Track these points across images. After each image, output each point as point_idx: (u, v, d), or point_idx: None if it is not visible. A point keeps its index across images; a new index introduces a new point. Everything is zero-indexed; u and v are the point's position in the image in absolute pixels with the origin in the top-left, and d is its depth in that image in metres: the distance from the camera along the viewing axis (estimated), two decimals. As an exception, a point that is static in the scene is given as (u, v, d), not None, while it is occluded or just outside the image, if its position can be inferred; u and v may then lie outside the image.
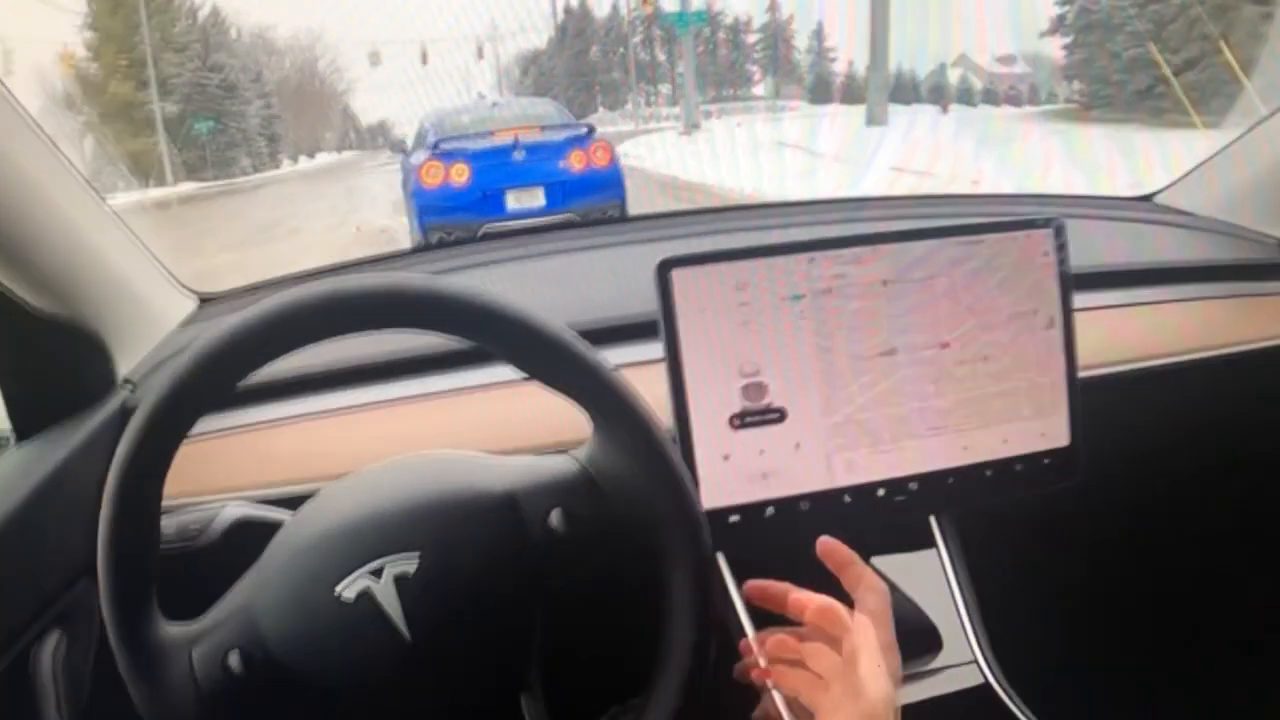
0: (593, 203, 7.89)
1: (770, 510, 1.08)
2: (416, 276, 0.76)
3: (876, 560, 1.25)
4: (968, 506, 1.19)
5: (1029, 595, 1.39)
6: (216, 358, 0.74)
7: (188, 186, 26.95)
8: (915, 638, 1.18)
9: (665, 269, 1.03)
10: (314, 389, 1.23)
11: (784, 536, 1.09)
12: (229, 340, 0.74)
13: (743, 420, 1.06)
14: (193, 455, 0.90)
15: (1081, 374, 1.17)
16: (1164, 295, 1.51)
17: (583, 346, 0.78)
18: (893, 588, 1.22)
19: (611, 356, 0.81)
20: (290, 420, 1.20)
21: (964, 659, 1.15)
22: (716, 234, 1.66)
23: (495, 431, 1.14)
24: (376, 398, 1.22)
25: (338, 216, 14.82)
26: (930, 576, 1.21)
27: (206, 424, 1.17)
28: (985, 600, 1.20)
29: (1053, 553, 1.50)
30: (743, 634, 1.11)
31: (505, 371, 1.14)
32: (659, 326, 1.04)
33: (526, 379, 0.81)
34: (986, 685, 1.13)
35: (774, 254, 1.06)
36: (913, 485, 1.12)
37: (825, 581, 1.23)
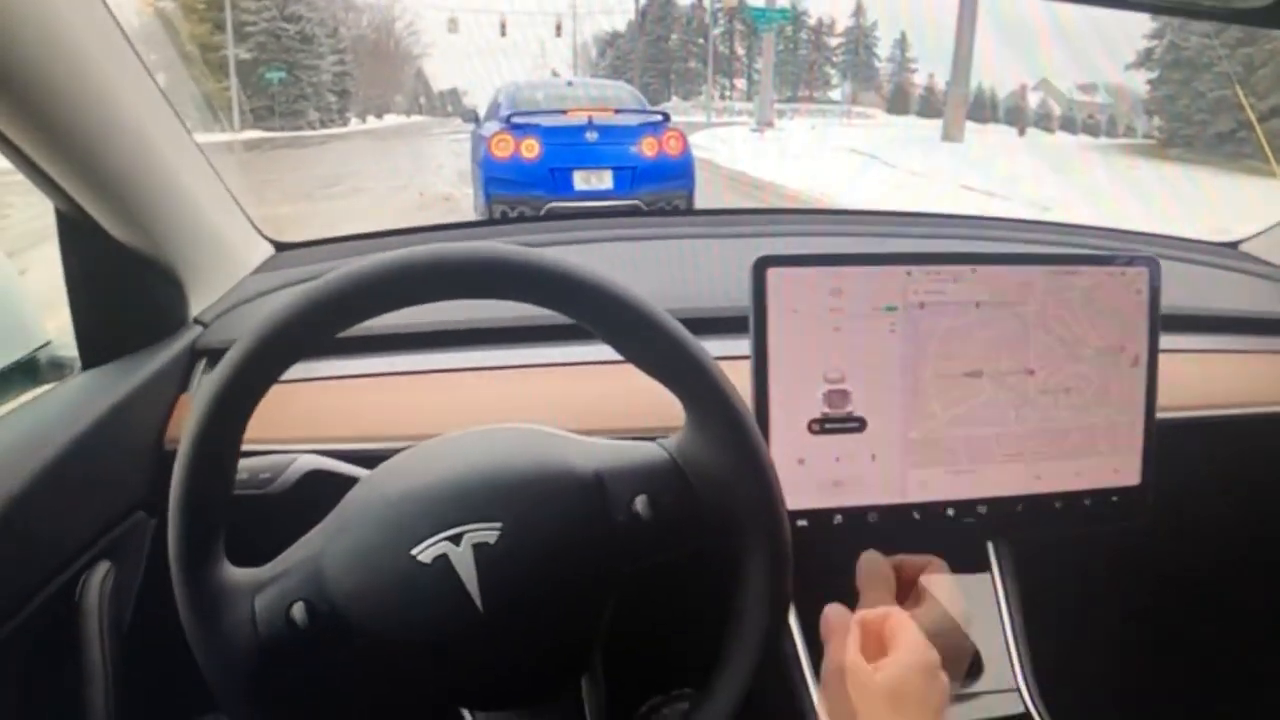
0: (661, 191, 7.84)
1: (838, 519, 1.08)
2: (529, 250, 0.76)
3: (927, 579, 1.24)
4: (1033, 535, 1.18)
5: (1077, 629, 1.38)
6: (322, 304, 0.73)
7: (253, 133, 27.13)
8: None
9: (762, 266, 1.03)
10: (402, 348, 1.23)
11: (849, 546, 1.09)
12: (336, 289, 0.73)
13: (822, 426, 1.06)
14: (273, 401, 0.91)
15: (1157, 415, 1.16)
16: (1245, 345, 1.49)
17: (686, 335, 0.78)
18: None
19: None
20: (374, 377, 1.20)
21: (1006, 686, 1.15)
22: (789, 235, 1.65)
23: (582, 410, 1.14)
24: (464, 364, 1.22)
25: (401, 179, 14.85)
26: (980, 600, 1.21)
27: (290, 372, 1.17)
28: (1032, 630, 1.19)
29: (1105, 590, 1.49)
30: (790, 637, 1.12)
31: (594, 350, 1.15)
32: (749, 323, 1.04)
33: (618, 361, 0.80)
34: (1026, 714, 1.12)
35: (874, 263, 1.05)
36: (981, 509, 1.11)
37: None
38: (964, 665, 1.09)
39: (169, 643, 0.77)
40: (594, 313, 0.78)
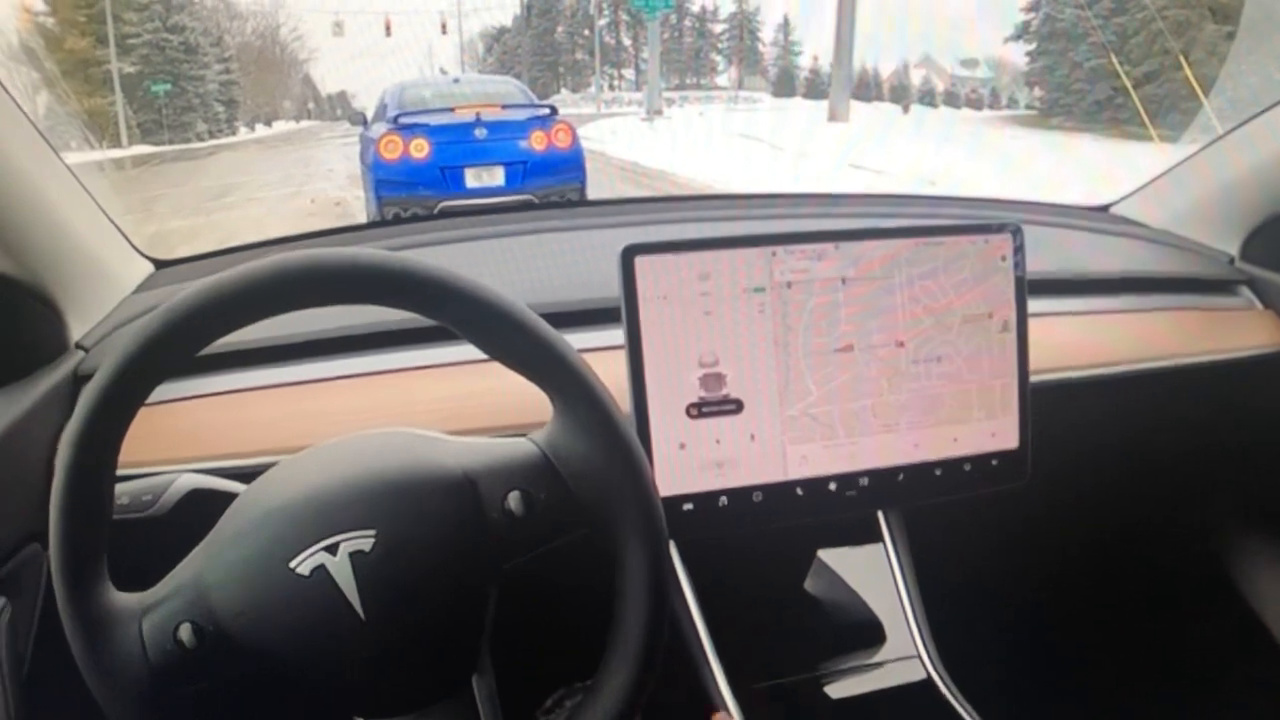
0: (553, 184, 7.82)
1: (723, 500, 1.09)
2: (379, 252, 0.76)
3: (824, 553, 1.26)
4: (916, 503, 1.20)
5: (972, 592, 1.41)
6: (177, 325, 0.73)
7: (142, 149, 26.45)
8: (859, 631, 1.20)
9: (629, 255, 1.03)
10: (275, 360, 1.21)
11: (736, 526, 1.10)
12: (189, 308, 0.73)
13: (700, 410, 1.07)
14: (150, 423, 0.88)
15: (1032, 378, 1.19)
16: (1116, 305, 1.53)
17: (544, 327, 0.79)
18: (839, 581, 1.24)
19: (572, 341, 0.81)
20: (249, 391, 1.18)
21: (907, 653, 1.17)
22: (678, 222, 1.66)
23: (454, 411, 1.14)
24: (336, 372, 1.21)
25: (293, 186, 14.61)
26: (876, 571, 1.23)
27: (165, 392, 1.15)
28: (929, 596, 1.22)
29: (996, 551, 1.52)
30: (691, 620, 1.13)
31: (465, 351, 1.14)
32: (621, 312, 1.04)
33: (488, 359, 0.81)
34: (928, 680, 1.14)
35: (738, 246, 1.06)
36: (863, 480, 1.13)
37: (773, 570, 1.25)
38: None
39: (72, 677, 0.76)
40: (453, 312, 0.78)
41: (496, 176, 7.85)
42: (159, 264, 1.44)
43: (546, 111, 8.61)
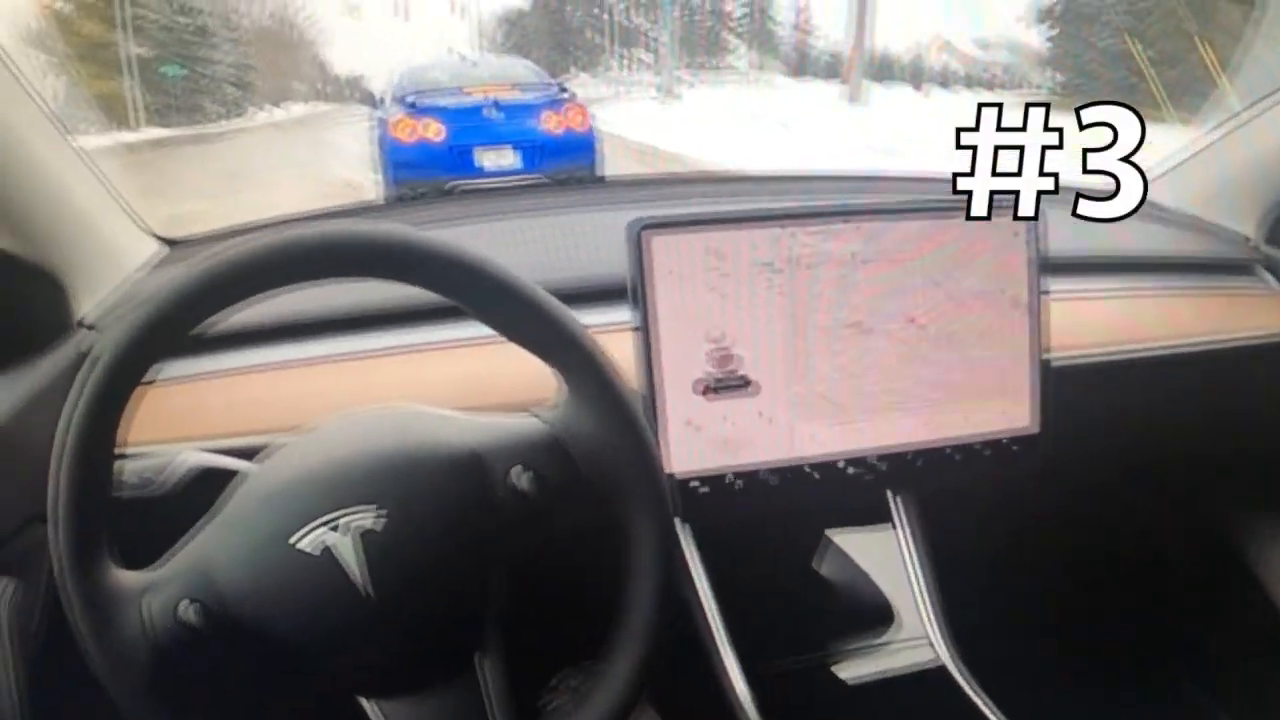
0: (566, 165, 7.76)
1: (734, 480, 1.07)
2: (387, 226, 0.75)
3: (833, 534, 1.25)
4: (931, 486, 1.19)
5: (983, 575, 1.39)
6: (176, 304, 0.72)
7: (155, 132, 26.43)
8: (870, 614, 1.19)
9: (641, 231, 1.02)
10: (281, 338, 1.20)
11: (749, 507, 1.09)
12: (189, 286, 0.72)
13: (710, 387, 1.05)
14: (154, 402, 0.86)
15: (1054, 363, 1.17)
16: (1132, 286, 1.51)
17: (553, 303, 0.78)
18: (849, 563, 1.23)
19: (582, 319, 0.80)
20: (256, 369, 1.17)
21: (918, 636, 1.16)
22: (691, 201, 1.65)
23: (461, 389, 1.12)
24: (343, 350, 1.19)
25: (306, 169, 14.62)
26: (887, 553, 1.22)
27: (170, 370, 1.14)
28: (940, 579, 1.21)
29: (1008, 533, 1.51)
30: (701, 603, 1.12)
31: (473, 329, 1.13)
32: (631, 289, 1.03)
33: (496, 337, 0.80)
34: (938, 663, 1.13)
35: (751, 222, 1.05)
36: (879, 463, 1.12)
37: (783, 551, 1.24)
38: None
39: (79, 657, 0.75)
40: (462, 289, 0.77)
41: (510, 158, 7.81)
42: (172, 243, 1.43)
43: (561, 92, 8.59)
